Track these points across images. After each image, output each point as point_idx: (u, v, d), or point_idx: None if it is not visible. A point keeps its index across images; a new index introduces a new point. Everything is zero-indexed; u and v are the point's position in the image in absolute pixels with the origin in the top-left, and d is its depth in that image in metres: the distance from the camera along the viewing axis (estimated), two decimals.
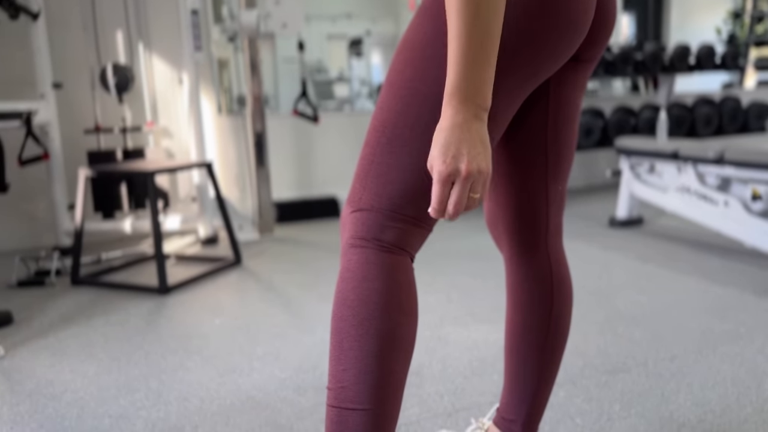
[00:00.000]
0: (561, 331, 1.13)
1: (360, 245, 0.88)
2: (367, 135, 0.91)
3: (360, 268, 0.87)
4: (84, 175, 2.84)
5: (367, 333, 0.85)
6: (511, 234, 1.11)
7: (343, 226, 0.92)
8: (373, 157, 0.88)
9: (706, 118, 4.50)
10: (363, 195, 0.89)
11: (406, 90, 0.86)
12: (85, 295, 2.70)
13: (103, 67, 3.44)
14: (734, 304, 2.27)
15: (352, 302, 0.87)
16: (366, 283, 0.87)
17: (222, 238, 3.75)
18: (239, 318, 2.34)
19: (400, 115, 0.86)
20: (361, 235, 0.88)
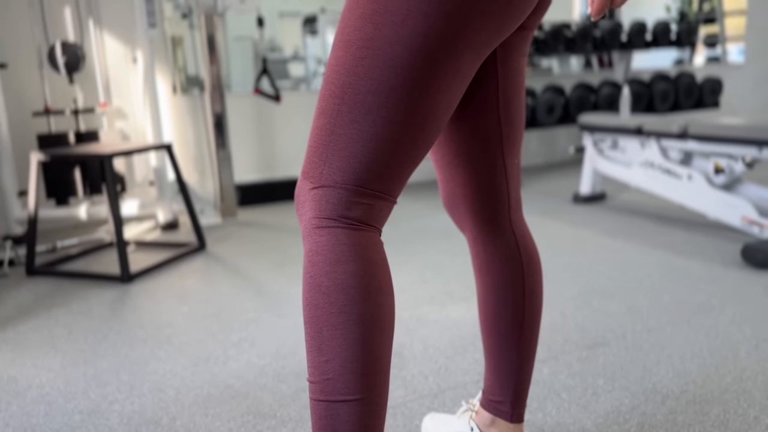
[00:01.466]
0: (536, 305, 1.12)
1: (327, 225, 0.81)
2: (321, 101, 0.82)
3: (330, 250, 0.81)
4: (36, 159, 2.70)
5: (349, 319, 0.80)
6: (474, 213, 1.08)
7: (302, 204, 0.84)
8: (333, 127, 0.80)
9: (663, 93, 4.58)
10: (324, 170, 0.81)
11: (366, 50, 0.77)
12: (42, 286, 2.58)
13: (51, 45, 3.26)
14: (703, 276, 2.31)
15: (327, 288, 0.80)
16: (340, 267, 0.80)
17: (183, 222, 3.63)
18: (209, 304, 2.27)
19: (361, 79, 0.78)
20: (327, 214, 0.81)
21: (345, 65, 0.79)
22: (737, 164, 2.72)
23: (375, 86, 0.78)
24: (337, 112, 0.80)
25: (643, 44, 4.76)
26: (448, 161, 1.07)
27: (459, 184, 1.07)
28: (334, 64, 0.81)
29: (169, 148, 2.92)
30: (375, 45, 0.77)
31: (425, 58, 0.77)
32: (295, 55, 7.82)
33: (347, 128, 0.79)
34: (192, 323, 2.09)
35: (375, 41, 0.77)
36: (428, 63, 0.77)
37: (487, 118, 1.02)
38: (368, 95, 0.78)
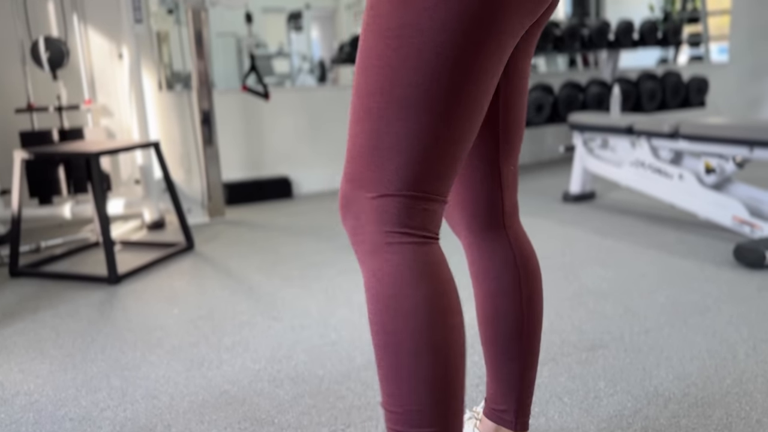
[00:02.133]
0: (535, 313, 1.09)
1: (395, 240, 0.78)
2: (360, 101, 0.77)
3: (401, 270, 0.77)
4: (20, 157, 2.63)
5: (428, 345, 0.76)
6: (468, 219, 1.06)
7: (357, 216, 0.80)
8: (379, 127, 0.75)
9: (651, 92, 4.60)
10: (383, 176, 0.77)
11: (404, 39, 0.73)
12: (27, 287, 2.51)
13: (34, 40, 3.19)
14: (696, 276, 2.31)
15: (404, 312, 0.76)
16: (415, 289, 0.76)
17: (170, 222, 3.58)
18: (200, 306, 2.23)
19: (401, 71, 0.73)
20: (392, 226, 0.78)
21: (381, 58, 0.75)
22: (728, 164, 2.73)
23: (418, 77, 0.73)
24: (382, 110, 0.75)
25: (630, 43, 4.78)
26: None
27: (452, 191, 1.05)
28: (369, 56, 0.76)
29: (156, 146, 2.86)
30: (410, 32, 0.73)
31: (465, 42, 0.73)
32: (279, 52, 7.76)
33: (395, 126, 0.75)
34: (183, 326, 2.05)
35: (411, 28, 0.73)
36: (469, 46, 0.73)
37: (487, 122, 0.99)
38: (410, 87, 0.74)
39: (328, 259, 2.71)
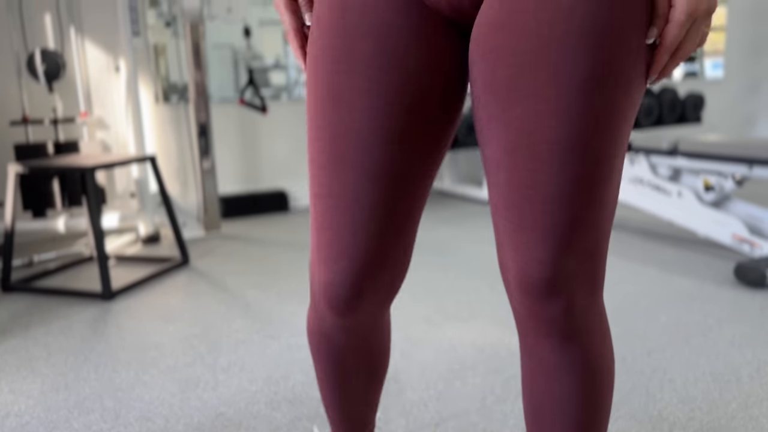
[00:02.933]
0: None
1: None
2: (609, 172, 0.67)
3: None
4: (14, 171, 2.60)
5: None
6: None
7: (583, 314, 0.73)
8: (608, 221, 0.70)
9: (648, 108, 4.60)
10: (601, 276, 0.73)
11: (624, 134, 0.68)
12: (19, 303, 2.47)
13: (31, 52, 3.17)
14: (697, 295, 2.29)
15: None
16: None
17: (165, 236, 3.54)
18: (195, 324, 2.19)
19: (618, 145, 0.67)
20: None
21: (622, 148, 0.69)
22: (727, 182, 2.72)
23: (621, 147, 0.68)
24: (610, 205, 0.71)
25: None
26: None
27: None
28: (620, 147, 0.68)
29: (153, 160, 2.84)
30: (626, 132, 0.68)
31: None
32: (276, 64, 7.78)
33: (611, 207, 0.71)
34: (178, 344, 2.02)
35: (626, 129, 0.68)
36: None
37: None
38: (618, 159, 0.69)
39: None
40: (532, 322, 0.74)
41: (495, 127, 0.68)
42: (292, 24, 0.77)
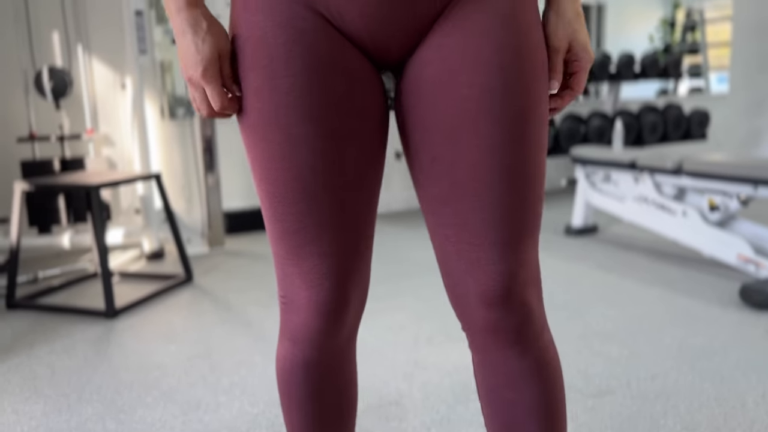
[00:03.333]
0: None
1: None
2: (540, 189, 0.82)
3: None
4: (20, 189, 2.61)
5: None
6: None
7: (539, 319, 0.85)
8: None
9: (652, 125, 4.61)
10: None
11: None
12: (23, 320, 2.48)
13: (38, 70, 3.19)
14: (702, 317, 2.28)
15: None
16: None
17: (169, 251, 3.55)
18: (197, 343, 2.19)
19: (543, 164, 0.83)
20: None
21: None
22: (732, 201, 2.71)
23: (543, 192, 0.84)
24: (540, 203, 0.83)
25: (631, 76, 4.80)
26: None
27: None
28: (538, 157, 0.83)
29: (158, 178, 2.85)
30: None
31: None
32: None
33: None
34: (180, 365, 2.02)
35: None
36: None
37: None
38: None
39: None
40: (494, 335, 0.82)
41: (441, 165, 0.79)
42: (217, 103, 0.79)
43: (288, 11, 0.75)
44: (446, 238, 0.81)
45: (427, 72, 0.78)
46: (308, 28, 0.75)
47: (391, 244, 3.51)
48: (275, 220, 0.82)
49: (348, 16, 0.76)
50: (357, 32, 0.77)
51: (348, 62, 0.78)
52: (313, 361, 0.88)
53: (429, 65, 0.77)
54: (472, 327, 0.84)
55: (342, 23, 0.77)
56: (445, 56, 0.76)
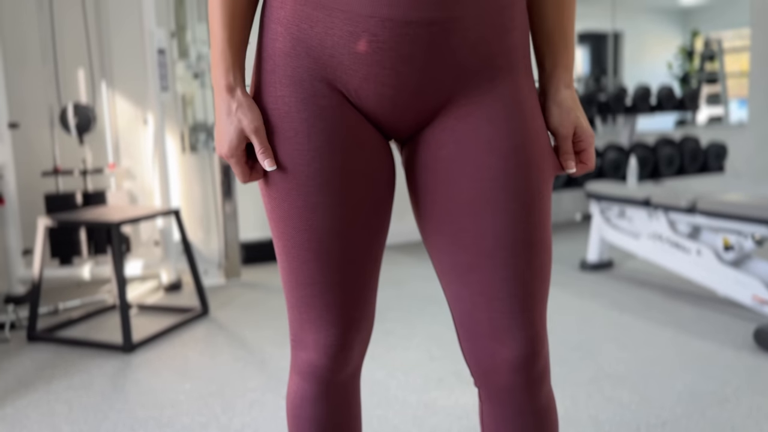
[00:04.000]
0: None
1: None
2: (550, 254, 0.90)
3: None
4: (43, 224, 2.69)
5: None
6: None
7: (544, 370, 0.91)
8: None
9: (669, 158, 4.60)
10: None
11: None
12: (43, 353, 2.54)
13: (64, 106, 3.30)
14: (715, 360, 2.27)
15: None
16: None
17: (186, 282, 3.61)
18: (211, 381, 2.23)
19: (550, 233, 0.91)
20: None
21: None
22: (747, 241, 2.71)
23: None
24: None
25: (647, 109, 4.81)
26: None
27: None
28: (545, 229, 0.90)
29: (177, 213, 2.91)
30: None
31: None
32: None
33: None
34: (194, 403, 2.05)
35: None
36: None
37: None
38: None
39: None
40: (513, 392, 0.89)
41: (467, 235, 0.85)
42: (241, 174, 0.87)
43: (311, 89, 0.83)
44: (474, 305, 0.87)
45: (442, 153, 0.85)
46: (328, 105, 0.83)
47: (405, 276, 3.53)
48: (289, 272, 0.90)
49: (364, 96, 0.83)
50: (372, 110, 0.85)
51: (363, 136, 0.86)
52: (319, 395, 0.95)
53: (444, 147, 0.85)
54: (494, 385, 0.90)
55: (358, 101, 0.84)
56: (459, 139, 0.84)
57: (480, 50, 0.81)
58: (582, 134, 0.91)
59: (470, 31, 0.79)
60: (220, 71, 0.84)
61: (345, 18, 0.78)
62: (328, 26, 0.79)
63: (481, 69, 0.83)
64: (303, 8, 0.80)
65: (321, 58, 0.81)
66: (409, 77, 0.80)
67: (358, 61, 0.80)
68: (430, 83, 0.82)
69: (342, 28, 0.78)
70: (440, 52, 0.79)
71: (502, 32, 0.82)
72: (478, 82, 0.83)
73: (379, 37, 0.77)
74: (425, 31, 0.77)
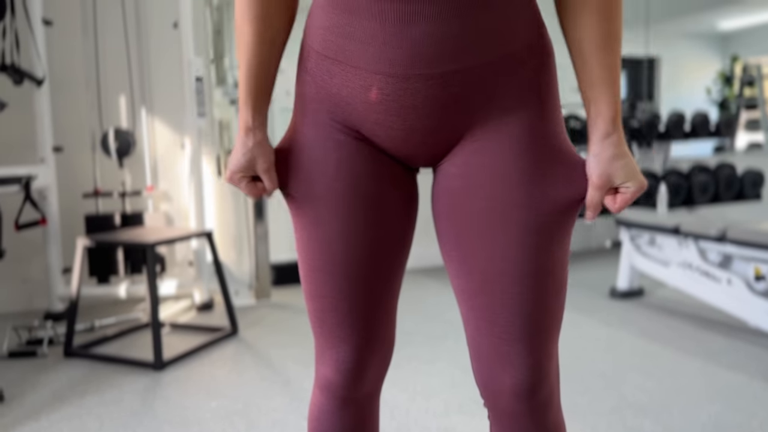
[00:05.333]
0: None
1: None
2: (563, 282, 0.92)
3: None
4: (82, 244, 2.80)
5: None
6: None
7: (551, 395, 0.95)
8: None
9: (703, 186, 4.54)
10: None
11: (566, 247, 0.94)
12: (78, 369, 2.63)
13: (105, 131, 3.44)
14: (743, 392, 2.23)
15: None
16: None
17: (217, 302, 3.69)
18: (236, 399, 2.28)
19: (566, 269, 0.94)
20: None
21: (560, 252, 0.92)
22: None
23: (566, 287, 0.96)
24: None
25: (681, 135, 4.77)
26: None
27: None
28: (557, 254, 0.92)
29: (209, 235, 3.00)
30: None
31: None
32: None
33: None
34: (219, 421, 2.10)
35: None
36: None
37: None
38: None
39: None
40: (518, 417, 0.93)
41: (474, 261, 0.90)
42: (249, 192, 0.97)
43: (330, 128, 0.92)
44: (478, 329, 0.92)
45: (456, 184, 0.91)
46: (345, 140, 0.92)
47: (432, 301, 3.55)
48: (308, 288, 0.99)
49: (377, 136, 0.91)
50: (386, 147, 0.93)
51: (379, 167, 0.93)
52: (335, 410, 1.01)
53: (457, 179, 0.91)
54: (497, 409, 0.95)
55: (373, 139, 0.92)
56: (470, 173, 0.90)
57: (484, 94, 0.86)
58: (625, 182, 0.87)
59: (470, 79, 0.85)
60: (243, 114, 0.95)
61: (357, 73, 0.86)
62: (344, 79, 0.88)
63: (488, 109, 0.87)
64: (323, 62, 0.90)
65: (339, 104, 0.90)
66: (416, 122, 0.87)
67: (369, 109, 0.88)
68: (437, 126, 0.88)
69: (355, 81, 0.87)
70: (441, 100, 0.85)
71: (507, 75, 0.86)
72: (486, 122, 0.88)
73: (385, 90, 0.85)
74: (423, 85, 0.84)
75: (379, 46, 0.83)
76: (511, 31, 0.85)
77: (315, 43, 0.91)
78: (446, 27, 0.81)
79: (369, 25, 0.84)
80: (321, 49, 0.90)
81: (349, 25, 0.85)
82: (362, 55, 0.85)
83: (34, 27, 3.24)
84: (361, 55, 0.85)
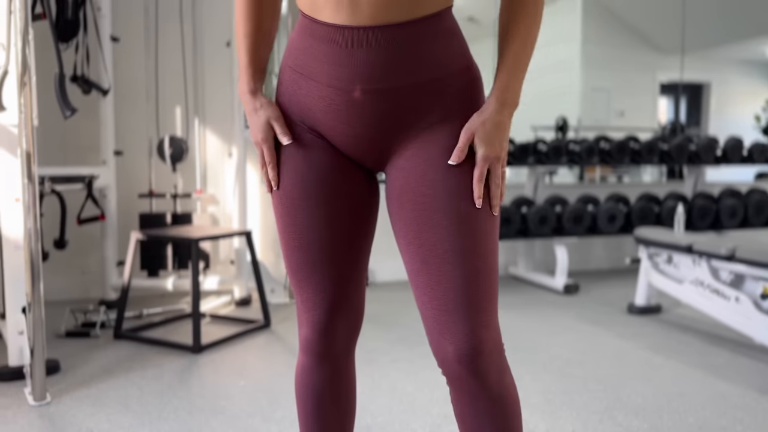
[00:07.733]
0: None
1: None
2: (491, 262, 1.06)
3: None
4: (135, 238, 3.12)
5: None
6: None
7: (496, 353, 1.07)
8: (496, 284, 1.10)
9: (731, 210, 4.60)
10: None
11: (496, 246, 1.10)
12: (125, 349, 2.93)
13: (161, 138, 3.79)
14: (735, 401, 2.35)
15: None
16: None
17: (255, 299, 3.97)
18: (263, 380, 2.53)
19: (495, 245, 1.09)
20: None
21: (493, 236, 1.08)
22: None
23: (496, 264, 1.09)
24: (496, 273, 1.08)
25: (713, 160, 4.84)
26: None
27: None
28: (490, 236, 1.08)
29: (248, 235, 3.28)
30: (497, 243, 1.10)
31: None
32: None
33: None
34: (245, 397, 2.35)
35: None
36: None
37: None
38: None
39: (382, 348, 2.96)
40: (464, 380, 1.05)
41: (413, 247, 1.07)
42: (269, 158, 1.14)
43: (300, 130, 1.13)
44: (423, 304, 1.06)
45: (396, 184, 1.10)
46: (310, 138, 1.12)
47: None
48: (288, 263, 1.17)
49: (333, 140, 1.12)
50: (343, 149, 1.13)
51: (340, 161, 1.13)
52: (314, 365, 1.20)
53: (396, 180, 1.10)
54: (449, 375, 1.09)
55: (333, 143, 1.13)
56: (406, 175, 1.08)
57: (416, 109, 1.06)
58: (477, 141, 1.04)
59: (404, 96, 1.06)
60: (245, 80, 1.15)
61: (316, 86, 1.09)
62: (308, 90, 1.10)
63: (419, 122, 1.07)
64: (294, 75, 1.12)
65: (304, 111, 1.12)
66: (361, 129, 1.09)
67: (326, 117, 1.09)
68: (378, 134, 1.08)
69: (315, 92, 1.09)
70: (378, 112, 1.06)
71: (436, 95, 1.07)
72: (418, 132, 1.08)
73: (335, 101, 1.07)
74: (364, 98, 1.05)
75: (331, 64, 1.05)
76: (438, 60, 1.07)
77: (290, 61, 1.13)
78: (383, 53, 1.03)
79: (325, 48, 1.05)
80: (293, 65, 1.12)
81: (312, 47, 1.07)
82: (319, 72, 1.07)
83: (103, 43, 3.62)
84: (319, 72, 1.07)
